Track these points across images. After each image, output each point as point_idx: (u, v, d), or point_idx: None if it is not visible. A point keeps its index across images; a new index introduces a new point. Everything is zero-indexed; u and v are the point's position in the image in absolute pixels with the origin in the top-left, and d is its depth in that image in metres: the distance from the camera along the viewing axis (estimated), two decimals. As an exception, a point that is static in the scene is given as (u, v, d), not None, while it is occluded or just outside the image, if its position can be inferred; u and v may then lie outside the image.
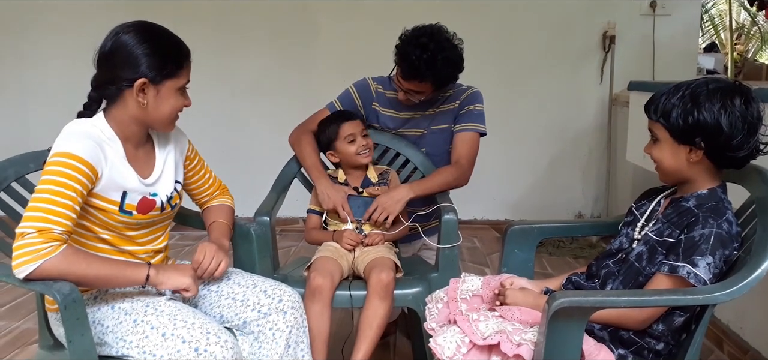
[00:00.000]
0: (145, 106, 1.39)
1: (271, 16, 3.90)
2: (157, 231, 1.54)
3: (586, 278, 1.49)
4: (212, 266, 1.50)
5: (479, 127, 2.08)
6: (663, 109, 1.32)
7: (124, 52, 1.36)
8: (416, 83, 1.95)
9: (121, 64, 1.36)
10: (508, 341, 1.23)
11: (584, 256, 3.46)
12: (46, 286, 1.25)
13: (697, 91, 1.28)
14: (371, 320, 1.73)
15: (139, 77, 1.36)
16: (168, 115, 1.44)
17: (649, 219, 1.44)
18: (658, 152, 1.36)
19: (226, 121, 4.03)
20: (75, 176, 1.29)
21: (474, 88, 2.14)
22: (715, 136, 1.27)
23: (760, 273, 1.20)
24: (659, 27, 3.78)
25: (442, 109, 2.11)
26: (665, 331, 1.32)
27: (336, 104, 2.14)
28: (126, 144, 1.43)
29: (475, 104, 2.08)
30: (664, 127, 1.32)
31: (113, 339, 1.37)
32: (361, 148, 1.99)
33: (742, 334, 2.29)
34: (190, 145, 1.67)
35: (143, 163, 1.47)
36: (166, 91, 1.40)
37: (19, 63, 3.95)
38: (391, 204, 1.91)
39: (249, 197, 2.19)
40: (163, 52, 1.38)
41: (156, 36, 1.39)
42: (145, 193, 1.45)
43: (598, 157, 3.96)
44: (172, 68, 1.39)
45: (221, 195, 1.77)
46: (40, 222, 1.23)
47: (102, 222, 1.40)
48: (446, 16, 3.90)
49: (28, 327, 2.55)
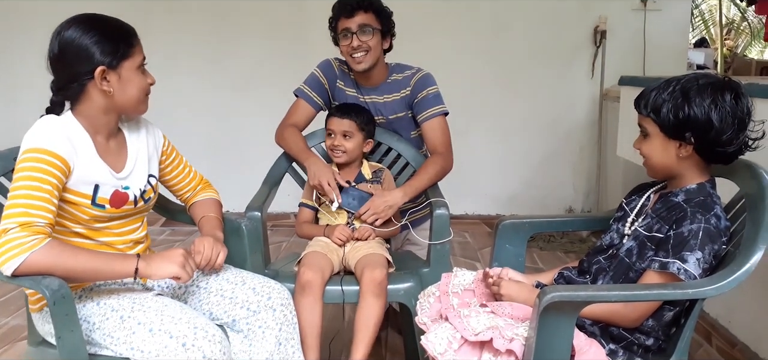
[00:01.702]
0: (111, 94, 1.38)
1: (265, 9, 3.88)
2: (132, 221, 1.53)
3: (577, 274, 1.50)
4: (213, 256, 1.49)
5: (441, 108, 2.09)
6: (653, 104, 1.32)
7: (74, 48, 1.35)
8: (361, 14, 1.97)
9: (74, 60, 1.35)
10: (500, 337, 1.23)
11: (575, 250, 3.48)
12: (35, 282, 1.24)
13: (687, 86, 1.29)
14: (368, 320, 1.73)
15: (97, 66, 1.35)
16: (136, 96, 1.43)
17: (638, 214, 1.44)
18: (648, 147, 1.37)
19: (219, 116, 4.02)
20: (49, 170, 1.29)
21: (422, 69, 2.13)
22: (705, 132, 1.27)
23: (748, 267, 1.21)
24: (650, 22, 3.80)
25: (394, 97, 2.11)
26: (655, 326, 1.33)
27: (304, 89, 2.15)
28: (96, 137, 1.42)
29: (428, 88, 2.08)
30: (654, 122, 1.33)
31: (100, 336, 1.36)
32: (334, 146, 1.98)
33: (730, 328, 2.31)
34: (166, 139, 1.66)
35: (115, 157, 1.47)
36: (126, 73, 1.39)
37: (7, 58, 3.91)
38: (384, 209, 1.92)
39: (241, 192, 2.18)
40: (111, 35, 1.37)
41: (98, 23, 1.38)
42: (118, 187, 1.44)
43: (589, 152, 3.98)
44: (125, 48, 1.39)
45: (204, 189, 1.76)
46: (21, 217, 1.23)
47: (74, 217, 1.39)
48: (438, 12, 3.93)
49: (17, 323, 2.53)
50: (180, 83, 3.86)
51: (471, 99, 3.82)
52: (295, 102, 2.16)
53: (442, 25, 3.88)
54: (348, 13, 1.98)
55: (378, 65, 2.07)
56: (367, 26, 1.98)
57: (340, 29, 2.01)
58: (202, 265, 1.49)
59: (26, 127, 1.36)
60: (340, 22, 2.01)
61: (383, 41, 2.06)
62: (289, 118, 2.14)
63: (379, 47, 2.04)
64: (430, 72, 2.13)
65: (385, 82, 2.11)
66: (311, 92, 2.13)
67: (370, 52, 2.00)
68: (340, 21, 2.01)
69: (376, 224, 1.92)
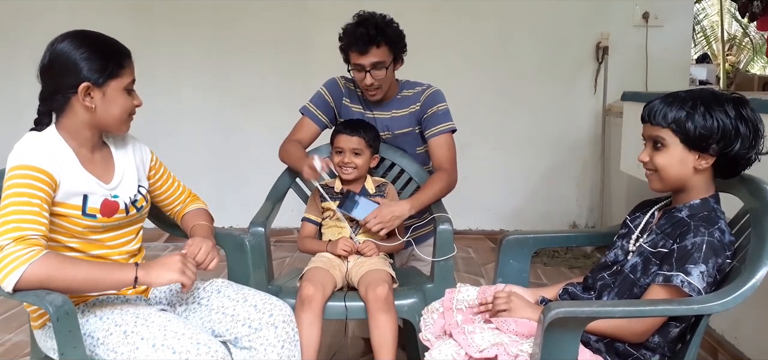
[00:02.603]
0: (93, 110, 1.39)
1: (269, 25, 3.91)
2: (126, 234, 1.52)
3: (582, 290, 1.49)
4: (200, 256, 1.48)
5: (450, 125, 2.09)
6: (676, 116, 1.31)
7: (63, 60, 1.36)
8: (374, 51, 1.95)
9: (62, 73, 1.36)
10: (505, 353, 1.23)
11: (579, 266, 3.46)
12: (38, 298, 1.24)
13: (707, 98, 1.30)
14: (384, 336, 1.72)
15: (82, 82, 1.36)
16: (119, 116, 1.43)
17: (643, 231, 1.44)
18: (664, 159, 1.34)
19: (223, 131, 4.03)
20: (36, 185, 1.29)
21: (433, 86, 2.14)
22: (731, 142, 1.28)
23: (754, 283, 1.21)
24: (652, 38, 3.81)
25: (403, 112, 2.12)
26: (661, 342, 1.32)
27: (309, 108, 2.15)
28: (80, 150, 1.43)
29: (438, 104, 2.08)
30: (675, 132, 1.32)
31: (104, 351, 1.35)
32: (344, 164, 1.98)
33: (736, 343, 2.29)
34: (153, 155, 1.66)
35: (101, 169, 1.47)
36: (111, 93, 1.40)
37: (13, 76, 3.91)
38: (390, 218, 1.90)
39: (244, 207, 2.18)
40: (102, 53, 1.38)
41: (92, 40, 1.39)
42: (107, 196, 1.45)
43: (592, 167, 3.98)
44: (114, 68, 1.39)
45: (193, 201, 1.75)
46: (13, 232, 1.23)
47: (67, 230, 1.39)
48: (442, 28, 3.95)
49: (19, 339, 2.52)
50: (184, 98, 3.89)
51: (474, 114, 3.83)
52: (300, 120, 2.16)
53: (446, 41, 3.90)
54: (360, 50, 1.95)
55: (390, 85, 2.08)
56: (381, 63, 1.97)
57: (352, 62, 2.00)
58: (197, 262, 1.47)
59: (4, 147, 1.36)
60: (352, 55, 1.99)
61: (395, 65, 2.06)
62: (294, 134, 2.15)
63: (391, 76, 2.05)
64: (440, 88, 2.13)
65: (395, 97, 2.12)
66: (317, 110, 2.14)
67: (382, 86, 2.02)
68: (352, 54, 1.98)
69: (381, 233, 1.91)
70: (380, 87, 2.02)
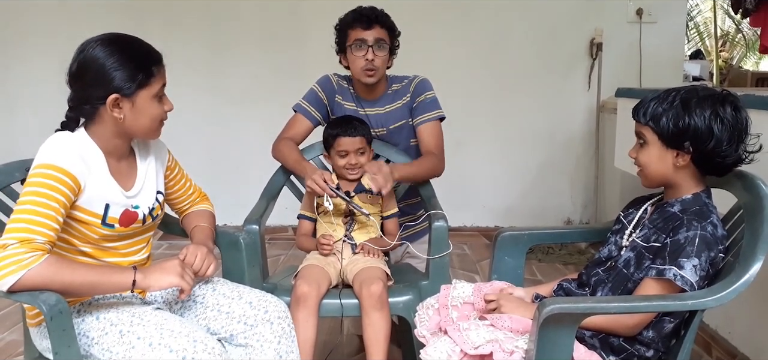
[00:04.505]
0: (122, 121, 1.38)
1: (261, 23, 3.89)
2: (139, 242, 1.52)
3: (577, 286, 1.50)
4: (197, 264, 1.47)
5: (438, 113, 2.11)
6: (653, 113, 1.33)
7: (93, 70, 1.34)
8: (377, 28, 2.00)
9: (90, 83, 1.34)
10: (500, 350, 1.23)
11: (573, 262, 3.47)
12: (31, 297, 1.23)
13: (687, 96, 1.31)
14: (376, 335, 1.72)
15: (111, 93, 1.34)
16: (149, 125, 1.43)
17: (636, 226, 1.45)
18: (645, 156, 1.37)
19: (216, 129, 4.02)
20: (58, 187, 1.28)
21: (419, 76, 2.16)
22: (704, 141, 1.29)
23: (748, 278, 1.21)
24: (646, 34, 3.82)
25: (396, 106, 2.13)
26: (655, 337, 1.33)
27: (302, 104, 2.15)
28: (109, 158, 1.42)
29: (426, 93, 2.11)
30: (653, 130, 1.34)
31: (99, 351, 1.35)
32: (349, 166, 1.97)
33: (730, 338, 2.30)
34: (170, 155, 1.66)
35: (125, 176, 1.46)
36: (141, 102, 1.38)
37: (4, 70, 3.92)
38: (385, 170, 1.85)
39: (239, 205, 2.17)
40: (132, 62, 1.36)
41: (122, 47, 1.37)
42: (128, 206, 1.44)
43: (587, 163, 3.99)
44: (143, 78, 1.37)
45: (201, 202, 1.76)
46: (22, 233, 1.22)
47: (83, 235, 1.39)
48: (435, 24, 3.95)
49: (13, 338, 2.51)
50: (176, 95, 3.84)
51: (468, 111, 3.84)
52: (293, 116, 2.16)
53: (440, 37, 3.89)
54: (365, 25, 1.99)
55: (381, 78, 2.10)
56: (383, 41, 2.01)
57: (352, 39, 2.01)
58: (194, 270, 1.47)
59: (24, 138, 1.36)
60: (354, 31, 2.01)
61: (389, 59, 2.09)
62: (286, 131, 2.14)
63: (386, 63, 2.08)
64: (426, 77, 2.16)
65: (386, 93, 2.13)
66: (310, 107, 2.14)
67: (380, 68, 2.04)
68: (354, 30, 2.01)
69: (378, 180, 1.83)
70: (378, 69, 2.03)
